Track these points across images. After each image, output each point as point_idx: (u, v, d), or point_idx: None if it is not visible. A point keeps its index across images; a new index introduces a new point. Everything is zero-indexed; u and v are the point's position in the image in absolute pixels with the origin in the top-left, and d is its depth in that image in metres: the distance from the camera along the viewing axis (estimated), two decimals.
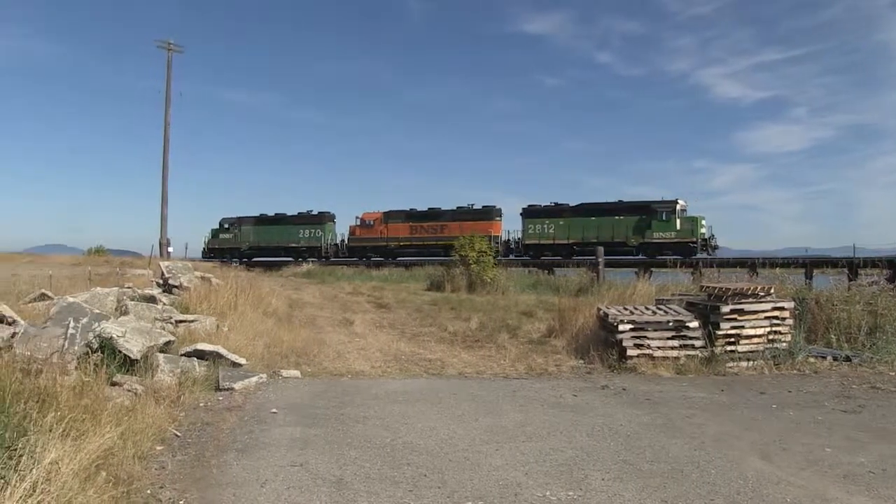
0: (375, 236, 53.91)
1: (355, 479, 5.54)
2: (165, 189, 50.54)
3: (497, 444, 6.60)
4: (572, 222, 46.97)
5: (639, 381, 10.08)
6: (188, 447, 6.45)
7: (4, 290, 13.55)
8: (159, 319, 11.67)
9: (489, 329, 15.62)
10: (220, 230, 60.29)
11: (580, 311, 14.23)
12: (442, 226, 51.16)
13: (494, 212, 50.64)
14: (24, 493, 3.79)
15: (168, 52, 50.58)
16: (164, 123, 50.23)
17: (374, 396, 8.83)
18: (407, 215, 53.66)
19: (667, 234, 43.76)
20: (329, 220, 57.17)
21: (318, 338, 14.11)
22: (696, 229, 43.43)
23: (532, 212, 49.52)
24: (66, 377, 6.46)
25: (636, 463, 6.02)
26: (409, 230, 52.85)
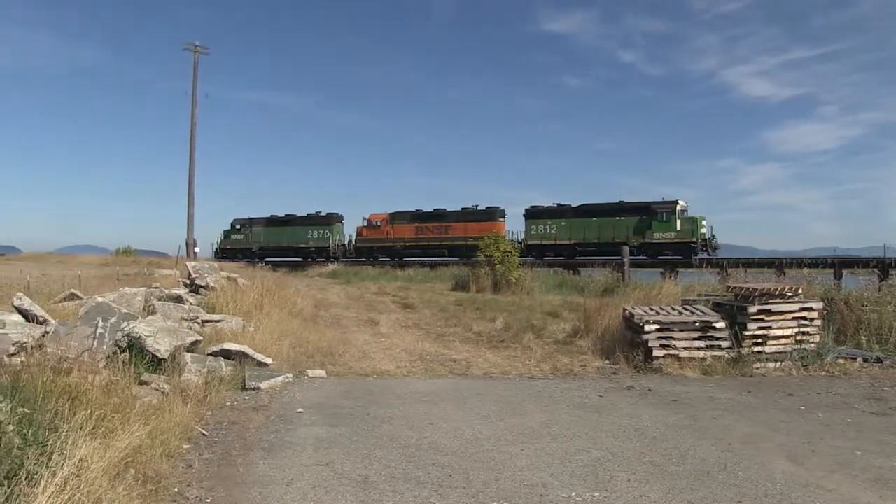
0: (382, 237, 54.57)
1: (380, 479, 5.55)
2: (192, 189, 50.93)
3: (522, 445, 6.58)
4: (574, 223, 47.50)
5: (665, 381, 10.01)
6: (215, 446, 6.50)
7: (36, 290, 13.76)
8: (186, 319, 11.77)
9: (514, 329, 15.58)
10: (232, 231, 61.41)
11: (605, 312, 14.15)
12: (446, 226, 52.15)
13: (498, 213, 51.20)
14: (55, 488, 3.84)
15: (194, 53, 50.94)
16: (191, 124, 50.60)
17: (399, 396, 8.85)
18: (412, 216, 54.39)
19: (667, 234, 44.15)
20: (337, 220, 58.02)
21: (343, 338, 14.16)
22: (696, 229, 43.69)
23: (534, 213, 50.06)
24: (96, 376, 6.53)
25: (662, 464, 5.98)
26: (414, 231, 53.66)
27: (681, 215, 44.42)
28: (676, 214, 44.28)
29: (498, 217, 50.93)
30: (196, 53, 50.95)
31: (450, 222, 52.21)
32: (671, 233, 44.04)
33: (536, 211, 50.09)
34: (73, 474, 4.11)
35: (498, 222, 50.29)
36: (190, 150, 50.53)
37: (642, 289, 19.01)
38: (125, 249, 61.21)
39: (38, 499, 3.73)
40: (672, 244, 43.22)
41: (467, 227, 50.21)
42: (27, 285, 14.47)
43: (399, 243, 53.68)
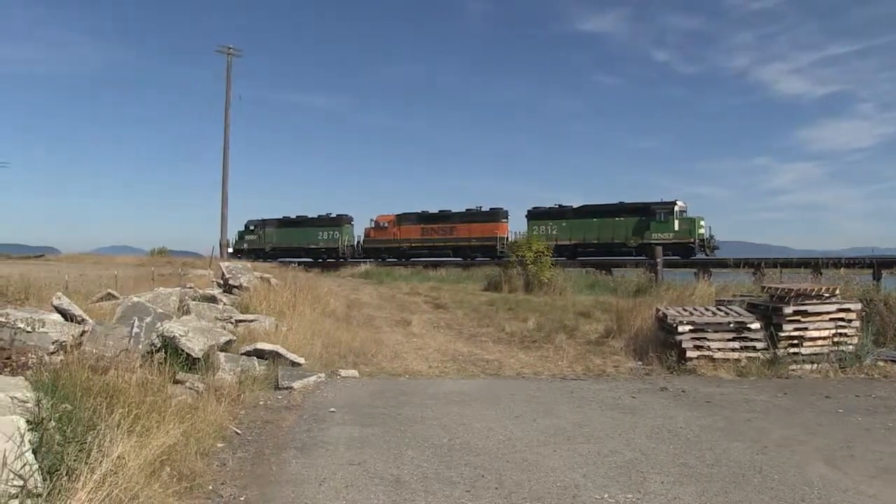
0: (389, 238, 55.28)
1: (413, 479, 5.56)
2: (225, 190, 51.57)
3: (555, 446, 6.56)
4: (574, 224, 47.76)
5: (698, 382, 9.92)
6: (248, 445, 6.55)
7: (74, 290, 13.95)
8: (220, 319, 11.88)
9: (546, 330, 15.53)
10: (246, 232, 62.74)
11: (638, 312, 14.05)
12: (451, 227, 52.76)
13: (501, 214, 51.67)
14: (94, 484, 3.91)
15: (227, 56, 51.53)
16: (224, 126, 51.23)
17: (431, 396, 8.85)
18: (418, 217, 54.95)
19: (665, 234, 44.19)
20: (346, 222, 58.95)
21: (375, 338, 14.20)
22: (694, 230, 43.94)
23: (536, 214, 50.44)
24: (132, 375, 6.62)
25: (696, 466, 5.92)
26: (420, 232, 54.24)
27: (679, 216, 44.80)
28: (675, 215, 44.65)
29: (501, 218, 51.51)
30: (229, 56, 51.57)
31: (454, 223, 52.82)
32: (669, 233, 44.28)
33: (538, 212, 50.52)
34: (111, 471, 4.17)
35: (501, 223, 51.06)
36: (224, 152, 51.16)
37: (675, 289, 18.84)
38: (160, 250, 62.13)
39: (79, 494, 3.79)
40: (670, 244, 42.86)
41: (471, 228, 51.19)
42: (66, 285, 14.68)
43: (405, 244, 54.35)
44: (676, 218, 44.56)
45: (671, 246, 42.72)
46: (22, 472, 3.80)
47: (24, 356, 6.26)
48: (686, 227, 44.21)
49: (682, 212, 45.14)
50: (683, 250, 42.93)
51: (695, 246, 43.51)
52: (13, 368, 6.03)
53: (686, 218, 44.88)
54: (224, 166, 51.00)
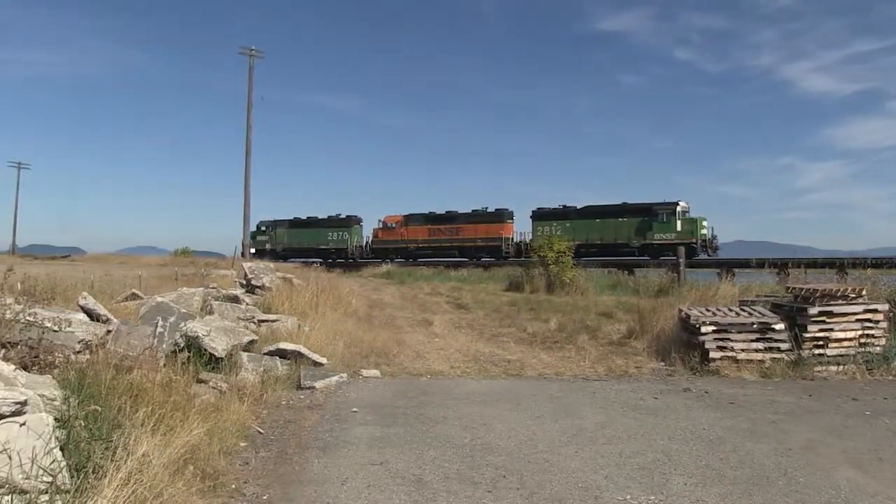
0: (396, 238, 56.31)
1: (434, 479, 5.57)
2: (248, 191, 51.70)
3: (577, 447, 6.54)
4: (578, 224, 48.33)
5: (722, 383, 9.85)
6: (271, 444, 6.59)
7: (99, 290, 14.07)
8: (242, 319, 11.95)
9: (568, 330, 15.49)
10: (258, 232, 63.36)
11: (661, 313, 14.00)
12: (457, 228, 53.84)
13: (506, 214, 52.72)
14: (120, 482, 3.95)
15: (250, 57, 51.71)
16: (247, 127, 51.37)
17: (453, 397, 8.86)
18: (425, 218, 55.98)
19: (667, 235, 44.78)
20: (355, 223, 60.12)
21: (397, 338, 14.23)
22: (697, 230, 44.44)
23: (541, 214, 51.14)
24: (156, 374, 6.68)
25: (719, 468, 5.89)
26: (427, 232, 55.32)
27: (681, 216, 45.24)
28: (677, 215, 45.09)
29: (506, 219, 52.44)
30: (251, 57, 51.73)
31: (460, 224, 53.76)
32: (672, 233, 44.69)
33: (543, 213, 51.17)
34: (136, 469, 4.22)
35: (506, 224, 52.08)
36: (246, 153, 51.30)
37: (698, 289, 18.73)
38: (183, 250, 62.74)
39: (105, 491, 3.84)
40: (672, 245, 43.01)
41: (477, 228, 52.30)
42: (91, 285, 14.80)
43: (412, 244, 55.27)
44: (679, 218, 45.08)
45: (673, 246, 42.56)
46: (51, 469, 3.86)
47: (52, 355, 6.32)
48: (688, 228, 44.77)
49: (684, 212, 45.64)
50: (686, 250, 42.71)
51: (697, 246, 43.88)
52: (41, 367, 6.10)
53: (688, 218, 45.49)
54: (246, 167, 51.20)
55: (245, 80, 51.78)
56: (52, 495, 3.76)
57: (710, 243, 44.95)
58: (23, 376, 5.29)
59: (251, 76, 51.62)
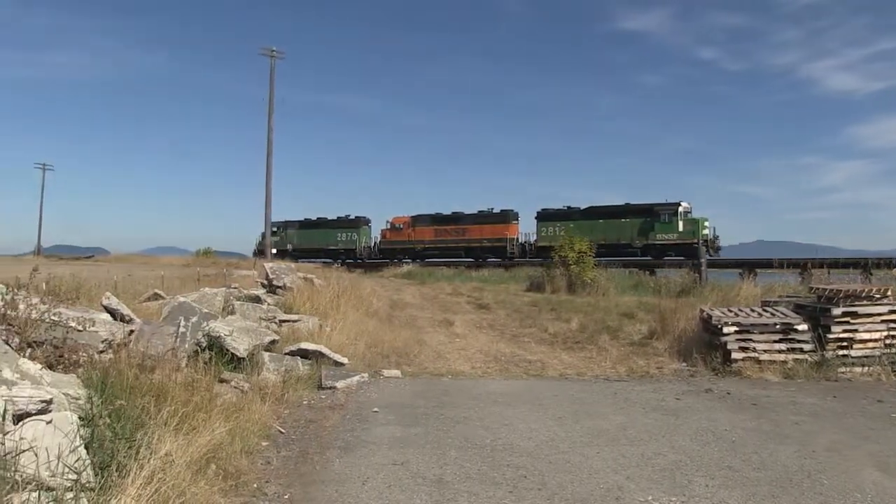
0: (404, 239, 56.65)
1: (455, 479, 5.58)
2: (269, 192, 51.89)
3: (598, 447, 6.52)
4: (581, 225, 47.90)
5: (744, 384, 9.79)
6: (292, 444, 6.62)
7: (122, 290, 14.18)
8: (264, 319, 12.00)
9: (590, 330, 15.46)
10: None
11: (682, 313, 13.94)
12: (463, 229, 53.93)
13: (511, 215, 52.75)
14: (143, 480, 3.99)
15: (271, 58, 51.85)
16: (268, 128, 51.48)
17: (474, 397, 8.86)
18: (432, 219, 56.16)
19: (669, 235, 45.09)
20: (364, 223, 60.50)
21: (418, 338, 14.25)
22: (698, 231, 44.54)
23: (545, 215, 51.20)
24: (179, 374, 6.73)
25: (742, 470, 5.84)
26: (433, 233, 55.42)
27: (683, 217, 45.42)
28: (679, 216, 45.25)
29: (511, 220, 52.58)
30: (272, 58, 51.88)
31: (466, 225, 53.99)
32: (674, 234, 45.05)
33: (547, 213, 51.29)
34: (159, 468, 4.26)
35: (511, 224, 52.22)
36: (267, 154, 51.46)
37: (720, 290, 18.64)
38: (205, 251, 63.16)
39: (129, 489, 3.88)
40: (674, 245, 44.31)
41: (483, 229, 52.48)
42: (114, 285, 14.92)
43: (419, 245, 55.56)
44: (680, 219, 45.28)
45: (675, 246, 44.08)
46: (76, 467, 3.90)
47: (76, 354, 6.38)
48: (690, 228, 44.87)
49: (686, 213, 45.83)
50: (687, 251, 43.52)
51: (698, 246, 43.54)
52: (66, 366, 6.17)
53: (690, 219, 45.60)
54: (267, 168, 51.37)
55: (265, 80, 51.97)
56: (78, 493, 3.80)
57: (712, 243, 45.10)
58: (48, 375, 5.36)
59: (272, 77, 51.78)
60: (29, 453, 3.79)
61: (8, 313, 6.42)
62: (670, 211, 45.46)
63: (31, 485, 3.72)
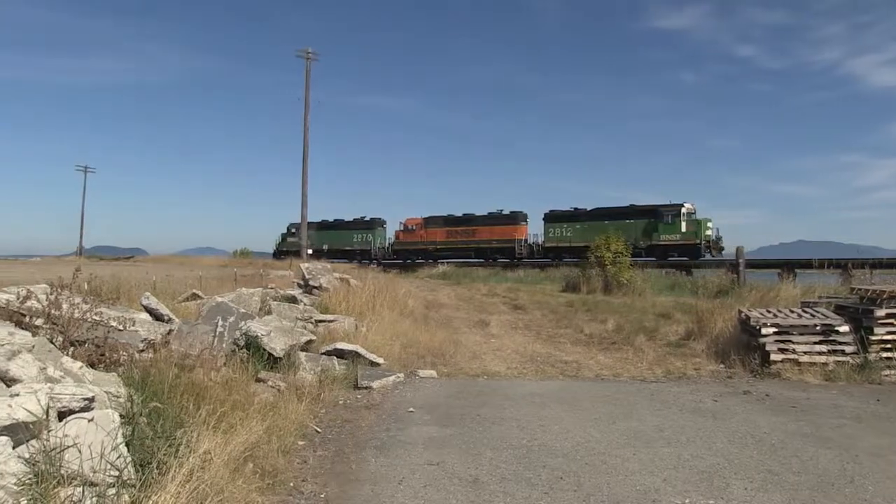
0: (416, 240, 58.86)
1: (491, 480, 5.57)
2: (305, 192, 52.25)
3: (634, 449, 6.48)
4: (588, 226, 49.59)
5: (783, 387, 9.65)
6: (328, 443, 6.66)
7: (160, 290, 14.35)
8: (300, 319, 12.09)
9: (626, 331, 15.35)
10: (288, 234, 66.91)
11: (720, 314, 13.79)
12: (474, 230, 55.78)
13: (520, 217, 54.52)
14: (182, 478, 4.05)
15: (306, 60, 52.17)
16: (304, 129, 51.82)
17: (509, 397, 8.85)
18: (444, 220, 58.14)
19: (672, 236, 46.14)
20: (379, 225, 62.59)
21: (453, 338, 14.25)
22: (701, 231, 45.48)
23: (552, 216, 52.87)
24: (217, 373, 6.81)
25: (781, 473, 5.76)
26: (445, 234, 57.43)
27: (686, 218, 46.38)
28: (681, 217, 46.27)
29: (520, 221, 54.24)
30: (308, 60, 52.19)
31: (477, 226, 55.59)
32: (676, 234, 46.02)
33: (554, 215, 52.73)
34: (198, 466, 4.31)
35: (520, 226, 53.98)
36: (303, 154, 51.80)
37: (758, 290, 18.41)
38: (242, 251, 64.48)
39: (168, 487, 3.94)
40: (677, 245, 45.33)
41: (492, 230, 54.23)
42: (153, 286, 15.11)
43: (431, 246, 57.48)
44: (683, 220, 46.28)
45: (678, 247, 45.14)
46: (118, 464, 3.97)
47: (116, 353, 6.49)
48: (692, 229, 45.79)
49: (689, 214, 46.77)
50: (690, 251, 44.79)
51: (701, 247, 45.10)
52: (106, 365, 6.27)
53: (693, 220, 46.49)
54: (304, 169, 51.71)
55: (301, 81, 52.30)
56: (119, 489, 3.87)
57: (715, 244, 45.81)
58: (90, 373, 5.46)
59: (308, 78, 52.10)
60: (73, 450, 3.86)
61: (52, 312, 6.55)
62: (673, 212, 46.54)
63: (75, 480, 3.79)
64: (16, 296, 6.91)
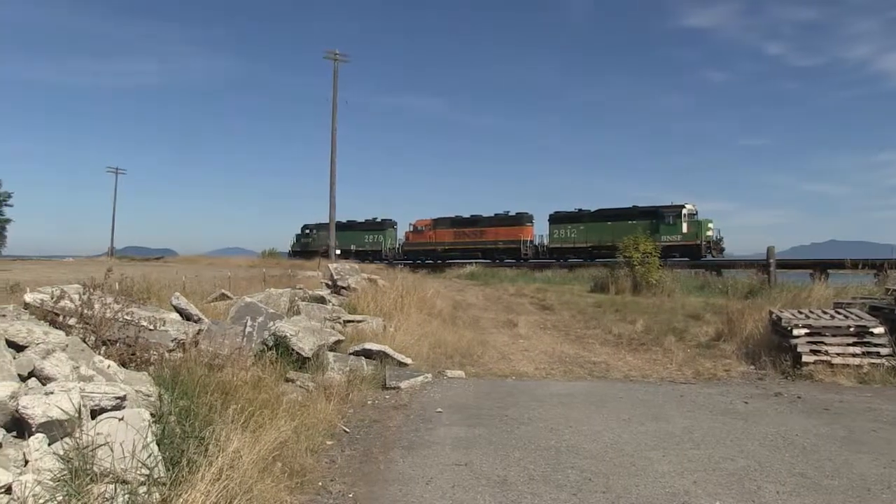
0: (425, 241, 59.67)
1: (519, 480, 5.55)
2: (333, 194, 52.31)
3: (663, 450, 6.43)
4: (591, 227, 50.81)
5: (815, 389, 9.52)
6: (356, 443, 6.68)
7: (190, 290, 14.49)
8: (328, 319, 12.14)
9: (655, 332, 15.24)
10: (302, 235, 68.81)
11: (750, 315, 13.64)
12: (481, 231, 56.51)
13: (525, 218, 55.11)
14: (212, 477, 4.08)
15: (334, 62, 52.32)
16: (332, 130, 51.93)
17: (537, 398, 8.82)
18: (452, 222, 58.81)
19: (673, 237, 46.29)
20: (390, 226, 63.47)
21: (481, 339, 14.24)
22: (702, 232, 45.90)
23: (557, 217, 53.39)
24: (246, 373, 6.86)
25: (814, 477, 5.67)
26: (453, 235, 58.09)
27: (687, 219, 46.79)
28: (682, 218, 46.71)
29: (525, 222, 54.88)
30: (336, 62, 52.33)
31: (483, 227, 56.35)
32: (678, 235, 46.30)
33: (559, 216, 53.35)
34: (227, 465, 4.34)
35: (526, 227, 54.61)
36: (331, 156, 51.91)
37: (789, 291, 18.15)
38: (270, 251, 65.26)
39: (198, 485, 3.97)
40: (678, 246, 45.41)
41: (498, 231, 54.96)
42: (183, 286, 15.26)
43: (440, 247, 58.27)
44: (684, 221, 46.66)
45: (679, 247, 45.53)
46: (148, 462, 4.01)
47: (147, 352, 6.56)
48: (693, 230, 46.11)
49: (690, 215, 47.11)
50: (691, 252, 45.20)
51: (702, 247, 45.50)
52: (137, 364, 6.34)
53: (694, 221, 46.81)
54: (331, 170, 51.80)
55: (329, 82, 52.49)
56: (150, 487, 3.91)
57: (716, 245, 46.26)
58: (121, 372, 5.52)
59: (335, 80, 52.17)
60: (105, 447, 3.91)
61: (85, 312, 6.63)
62: (674, 213, 46.99)
63: (107, 477, 3.84)
64: (50, 296, 7.01)
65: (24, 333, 5.43)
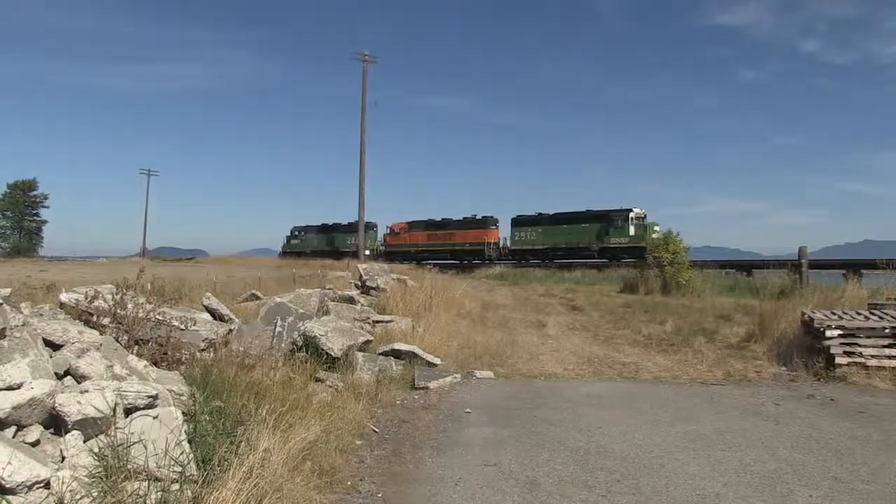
0: (401, 242, 63.30)
1: (548, 482, 5.55)
2: (362, 194, 52.73)
3: (693, 452, 6.38)
4: (548, 229, 53.95)
5: (849, 391, 9.39)
6: (385, 443, 6.71)
7: (221, 291, 14.65)
8: (358, 319, 12.20)
9: (685, 333, 15.11)
10: (292, 237, 73.54)
11: (782, 315, 13.47)
12: (450, 233, 59.78)
13: (490, 221, 58.07)
14: (243, 475, 4.13)
15: (363, 62, 52.59)
16: (361, 130, 52.27)
17: (567, 399, 8.80)
18: (425, 224, 62.45)
19: (621, 239, 48.98)
20: (370, 228, 65.37)
21: (510, 339, 14.21)
22: (647, 235, 46.74)
23: (519, 221, 56.61)
24: (276, 372, 6.92)
25: (849, 481, 5.59)
26: (426, 237, 61.63)
27: (634, 222, 48.97)
28: (630, 221, 48.96)
29: (490, 225, 57.78)
30: (365, 63, 52.59)
31: (453, 230, 59.58)
32: (625, 238, 48.71)
33: (520, 220, 56.46)
34: (257, 463, 4.38)
35: (490, 230, 57.52)
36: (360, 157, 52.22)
37: (822, 291, 17.90)
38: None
39: (229, 483, 4.02)
40: (626, 248, 47.51)
41: (466, 234, 58.09)
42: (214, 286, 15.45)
43: (414, 248, 61.39)
44: (632, 224, 48.95)
45: (627, 249, 47.51)
46: (180, 460, 4.06)
47: (178, 352, 6.64)
48: (640, 233, 47.81)
49: (638, 218, 49.22)
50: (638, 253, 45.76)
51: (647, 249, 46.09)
52: (169, 363, 6.42)
53: (641, 224, 48.89)
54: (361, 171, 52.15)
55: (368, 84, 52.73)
56: (182, 485, 3.96)
57: None
58: (153, 372, 5.59)
59: (364, 81, 52.52)
60: (138, 445, 3.98)
61: (118, 312, 6.73)
62: (622, 217, 49.48)
63: (141, 475, 3.90)
64: (84, 296, 7.12)
65: (59, 332, 5.53)
